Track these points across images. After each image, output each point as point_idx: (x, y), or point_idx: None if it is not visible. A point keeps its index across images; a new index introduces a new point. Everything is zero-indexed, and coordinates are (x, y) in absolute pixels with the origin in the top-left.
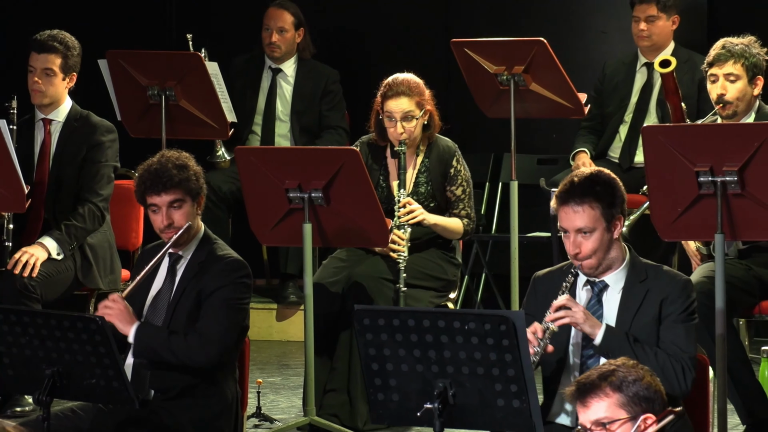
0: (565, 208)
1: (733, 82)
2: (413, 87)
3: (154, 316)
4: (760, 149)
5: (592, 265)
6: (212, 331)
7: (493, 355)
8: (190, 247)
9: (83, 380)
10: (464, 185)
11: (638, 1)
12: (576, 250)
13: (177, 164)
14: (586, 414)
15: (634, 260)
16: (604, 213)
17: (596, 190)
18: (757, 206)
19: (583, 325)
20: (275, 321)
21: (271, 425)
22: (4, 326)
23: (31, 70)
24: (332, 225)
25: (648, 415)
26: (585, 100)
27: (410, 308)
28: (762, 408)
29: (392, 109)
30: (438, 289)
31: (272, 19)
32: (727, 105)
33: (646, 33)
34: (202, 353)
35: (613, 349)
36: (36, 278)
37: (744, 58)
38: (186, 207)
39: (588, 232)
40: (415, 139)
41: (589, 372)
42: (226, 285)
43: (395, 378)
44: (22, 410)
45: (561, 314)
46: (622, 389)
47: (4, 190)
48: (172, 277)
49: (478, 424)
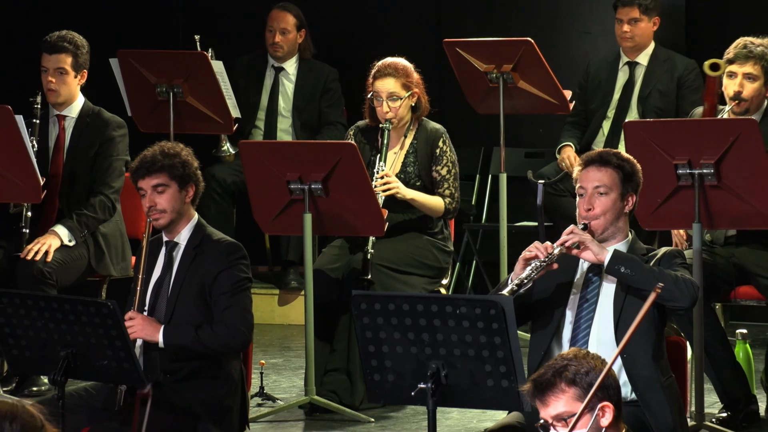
0: (589, 167)
1: (753, 81)
2: (400, 69)
3: (157, 301)
4: (735, 144)
5: (599, 225)
6: (234, 317)
7: (483, 338)
8: (185, 234)
9: (96, 361)
10: (449, 166)
11: (621, 4)
12: (589, 206)
13: (166, 152)
14: (546, 411)
15: (636, 242)
16: (622, 181)
17: (620, 163)
18: (732, 197)
19: (590, 246)
20: (277, 306)
21: (274, 404)
22: (21, 310)
23: (44, 70)
24: (331, 215)
25: (605, 403)
26: (570, 97)
27: (405, 293)
28: (738, 387)
29: (379, 89)
30: (431, 275)
31: (275, 20)
32: (742, 102)
33: (629, 34)
34: (234, 339)
35: (626, 262)
36: (52, 265)
37: (764, 60)
38: (170, 192)
39: (604, 193)
40: (401, 119)
41: (543, 369)
42: (226, 269)
43: (391, 359)
44: (38, 390)
45: (570, 237)
46: (577, 382)
47: (21, 181)
48: (170, 263)
49: (469, 402)
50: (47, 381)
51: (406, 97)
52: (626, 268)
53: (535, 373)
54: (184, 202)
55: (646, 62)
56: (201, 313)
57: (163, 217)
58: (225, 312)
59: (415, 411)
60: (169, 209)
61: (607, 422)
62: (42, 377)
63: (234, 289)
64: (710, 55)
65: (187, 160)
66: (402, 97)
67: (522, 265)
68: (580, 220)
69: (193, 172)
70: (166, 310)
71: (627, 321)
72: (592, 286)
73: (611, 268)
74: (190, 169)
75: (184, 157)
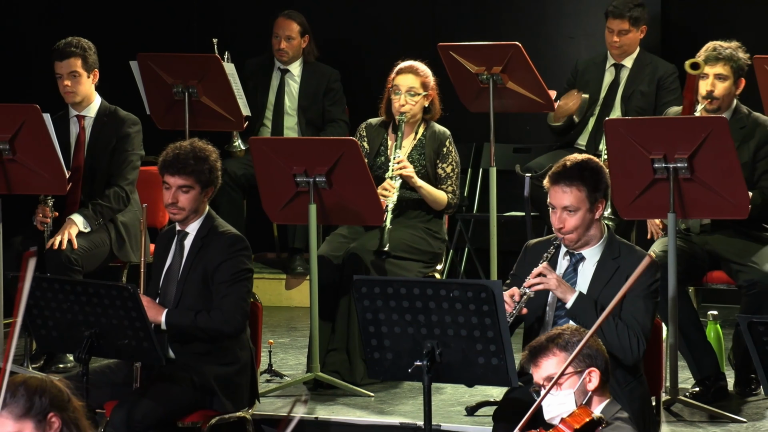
0: (556, 187)
1: (723, 81)
2: (421, 70)
3: (168, 286)
4: (707, 140)
5: (572, 240)
6: (230, 304)
7: (474, 319)
8: (195, 225)
9: (117, 341)
10: (453, 165)
11: (612, 16)
12: (560, 225)
13: (197, 155)
14: (538, 372)
15: (611, 239)
16: (589, 196)
17: (584, 175)
18: (704, 189)
19: (555, 291)
20: (284, 289)
21: (281, 380)
22: (49, 294)
23: (59, 76)
24: (334, 205)
25: (592, 369)
26: (554, 96)
27: (402, 278)
28: (709, 365)
29: (399, 83)
30: (426, 261)
31: (281, 28)
32: (714, 101)
33: (618, 44)
34: (227, 325)
35: (581, 314)
36: (78, 252)
37: (733, 61)
38: (193, 193)
39: (572, 211)
40: (414, 115)
41: (538, 338)
42: (228, 259)
43: (389, 339)
44: (64, 366)
45: (537, 281)
46: (568, 349)
47: (49, 175)
48: (180, 251)
49: (462, 379)
50: (72, 359)
51: (423, 95)
52: (581, 320)
53: (533, 341)
54: (203, 201)
55: (630, 65)
56: (205, 298)
57: (181, 214)
58: (223, 299)
59: (411, 387)
60: (188, 208)
61: (593, 386)
62: (68, 355)
63: (233, 279)
64: (685, 58)
65: (214, 165)
66: (420, 93)
67: None
68: (555, 233)
69: (216, 176)
70: (175, 294)
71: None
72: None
73: (571, 316)
74: (215, 173)
75: (212, 162)
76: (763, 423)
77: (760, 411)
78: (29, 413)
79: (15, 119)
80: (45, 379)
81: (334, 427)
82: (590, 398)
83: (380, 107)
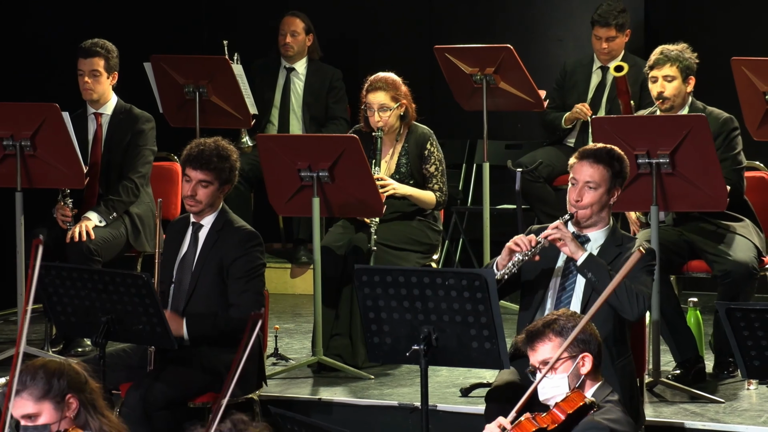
0: (583, 161)
1: (670, 81)
2: (389, 83)
3: (182, 275)
4: (688, 136)
5: (585, 215)
6: (248, 300)
7: (468, 306)
8: (210, 218)
9: (132, 326)
10: (437, 164)
11: (599, 25)
12: (578, 198)
13: (221, 153)
14: (534, 356)
15: (615, 229)
16: (610, 178)
17: (612, 160)
18: (685, 183)
19: (569, 244)
20: (289, 278)
21: (287, 363)
22: (68, 282)
23: (81, 73)
24: (336, 199)
25: (585, 354)
26: (544, 96)
27: (401, 267)
28: (689, 348)
29: (371, 101)
30: (423, 251)
31: (286, 24)
32: (665, 101)
33: (606, 50)
34: (234, 325)
35: (593, 268)
36: (97, 242)
37: (679, 62)
38: (211, 189)
39: (593, 187)
40: (391, 126)
41: (535, 322)
42: (243, 255)
43: (388, 324)
44: (82, 350)
45: (553, 232)
46: (563, 334)
47: (67, 169)
48: (195, 242)
49: (457, 362)
50: (90, 343)
51: (395, 108)
52: (593, 274)
53: (528, 326)
54: (219, 196)
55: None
56: (218, 289)
57: (197, 207)
58: (241, 296)
59: (409, 369)
60: (206, 202)
61: (586, 370)
62: (86, 340)
63: (249, 275)
64: None
65: (234, 165)
66: (391, 108)
67: (507, 253)
68: (570, 207)
69: (234, 175)
70: (190, 283)
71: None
72: (572, 274)
73: (581, 270)
74: (233, 173)
75: (233, 162)
76: (740, 403)
77: (737, 392)
78: (48, 395)
79: (36, 118)
80: (63, 362)
81: (336, 407)
82: (583, 381)
83: (360, 118)
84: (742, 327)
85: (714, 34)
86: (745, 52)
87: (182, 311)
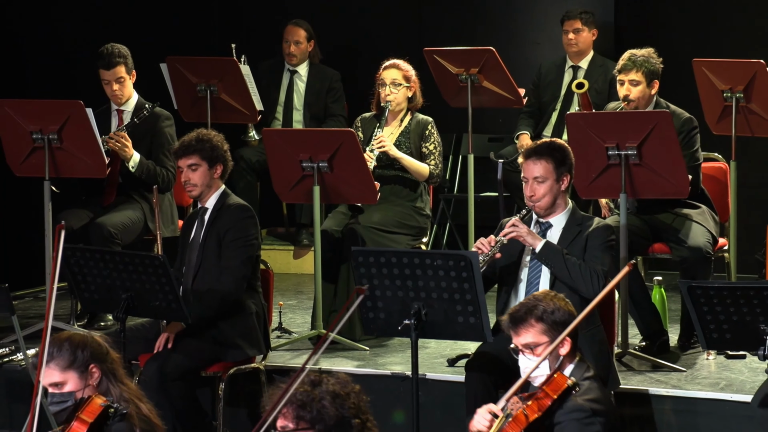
0: (528, 160)
1: (636, 85)
2: (403, 65)
3: (191, 255)
4: (653, 131)
5: (542, 207)
6: (231, 264)
7: (454, 284)
8: (212, 200)
9: (150, 302)
10: (435, 144)
11: (567, 18)
12: (531, 193)
13: (200, 138)
14: (517, 339)
15: (575, 211)
16: (556, 169)
17: (552, 152)
18: (651, 173)
19: (526, 237)
20: (292, 259)
21: (290, 336)
22: (91, 262)
23: (107, 82)
24: (335, 187)
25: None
26: (523, 93)
27: (393, 249)
28: (654, 322)
29: (384, 76)
30: (413, 234)
31: (290, 34)
32: (631, 103)
33: (573, 41)
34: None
35: (549, 256)
36: (117, 226)
37: (644, 67)
38: (201, 170)
39: (542, 181)
40: (399, 104)
41: (518, 305)
42: (234, 225)
43: (382, 301)
44: (104, 324)
45: (510, 230)
46: (544, 319)
47: (91, 161)
48: (201, 225)
49: (444, 335)
50: (111, 318)
51: (406, 86)
52: (549, 261)
53: (512, 308)
54: (213, 177)
55: (586, 66)
56: (220, 262)
57: (195, 190)
58: (231, 260)
59: (401, 342)
60: (200, 183)
61: (565, 352)
62: (107, 315)
63: (239, 242)
64: None
65: (217, 144)
66: (402, 84)
67: None
68: (528, 203)
69: (221, 153)
70: (195, 261)
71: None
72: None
73: (539, 257)
74: (218, 151)
75: (215, 142)
76: (700, 371)
77: (697, 361)
78: (73, 365)
79: (62, 113)
80: (87, 335)
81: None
82: (562, 362)
83: (371, 102)
84: (702, 303)
85: (678, 36)
86: (705, 53)
87: (190, 287)
